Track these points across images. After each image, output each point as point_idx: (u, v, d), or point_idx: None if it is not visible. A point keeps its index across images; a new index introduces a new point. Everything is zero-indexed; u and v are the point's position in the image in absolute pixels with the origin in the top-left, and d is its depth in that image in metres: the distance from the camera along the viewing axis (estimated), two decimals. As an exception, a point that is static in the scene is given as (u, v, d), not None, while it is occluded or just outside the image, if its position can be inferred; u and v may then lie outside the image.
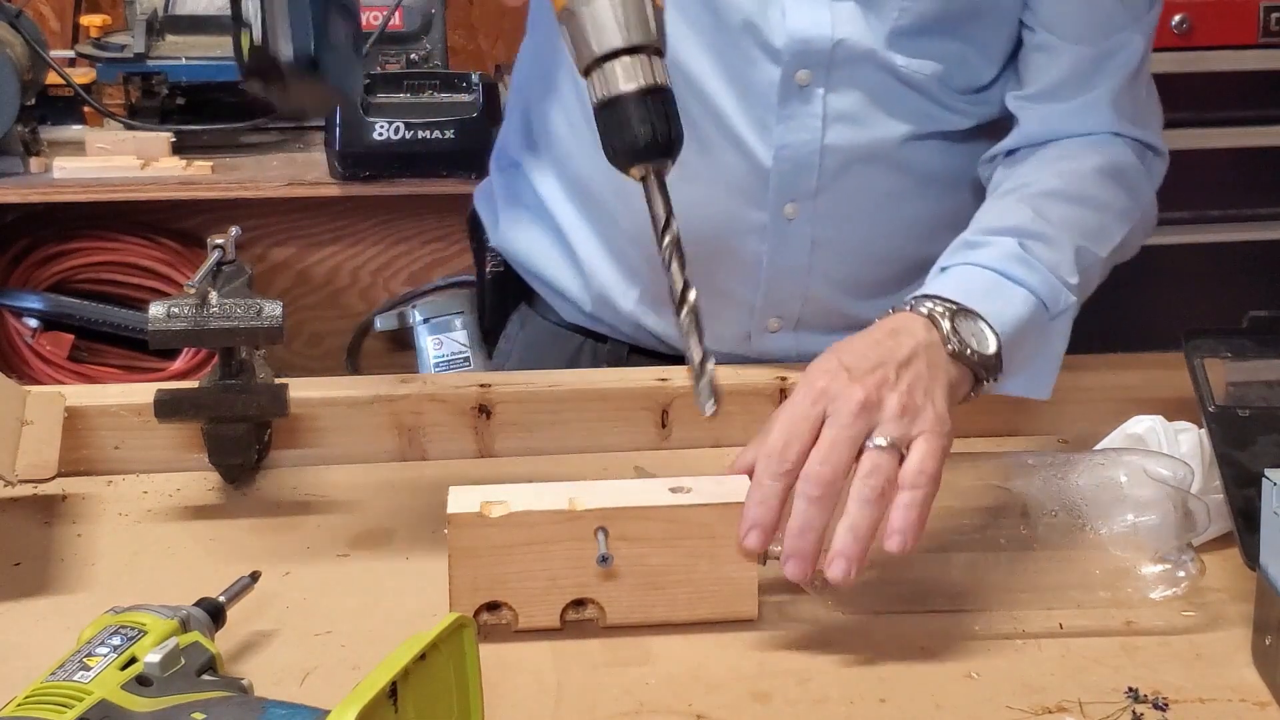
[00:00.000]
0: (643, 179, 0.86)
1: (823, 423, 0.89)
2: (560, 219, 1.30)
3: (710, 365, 0.87)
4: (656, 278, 0.91)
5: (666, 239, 0.86)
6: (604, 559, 0.88)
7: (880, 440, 0.88)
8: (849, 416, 0.88)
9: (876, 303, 1.21)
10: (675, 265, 0.86)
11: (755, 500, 0.88)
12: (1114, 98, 1.17)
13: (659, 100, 0.85)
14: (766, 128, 1.16)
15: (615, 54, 0.84)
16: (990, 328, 0.99)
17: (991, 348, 0.98)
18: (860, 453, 0.88)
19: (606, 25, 0.84)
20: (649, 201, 0.86)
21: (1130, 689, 0.86)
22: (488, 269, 1.42)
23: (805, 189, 1.18)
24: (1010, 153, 1.19)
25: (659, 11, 0.85)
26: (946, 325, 0.96)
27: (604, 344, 1.35)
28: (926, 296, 1.00)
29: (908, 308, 0.99)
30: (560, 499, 0.90)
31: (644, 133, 0.84)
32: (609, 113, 0.85)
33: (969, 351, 0.96)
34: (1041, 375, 1.08)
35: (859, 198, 1.19)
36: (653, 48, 0.85)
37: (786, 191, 1.18)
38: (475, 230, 1.44)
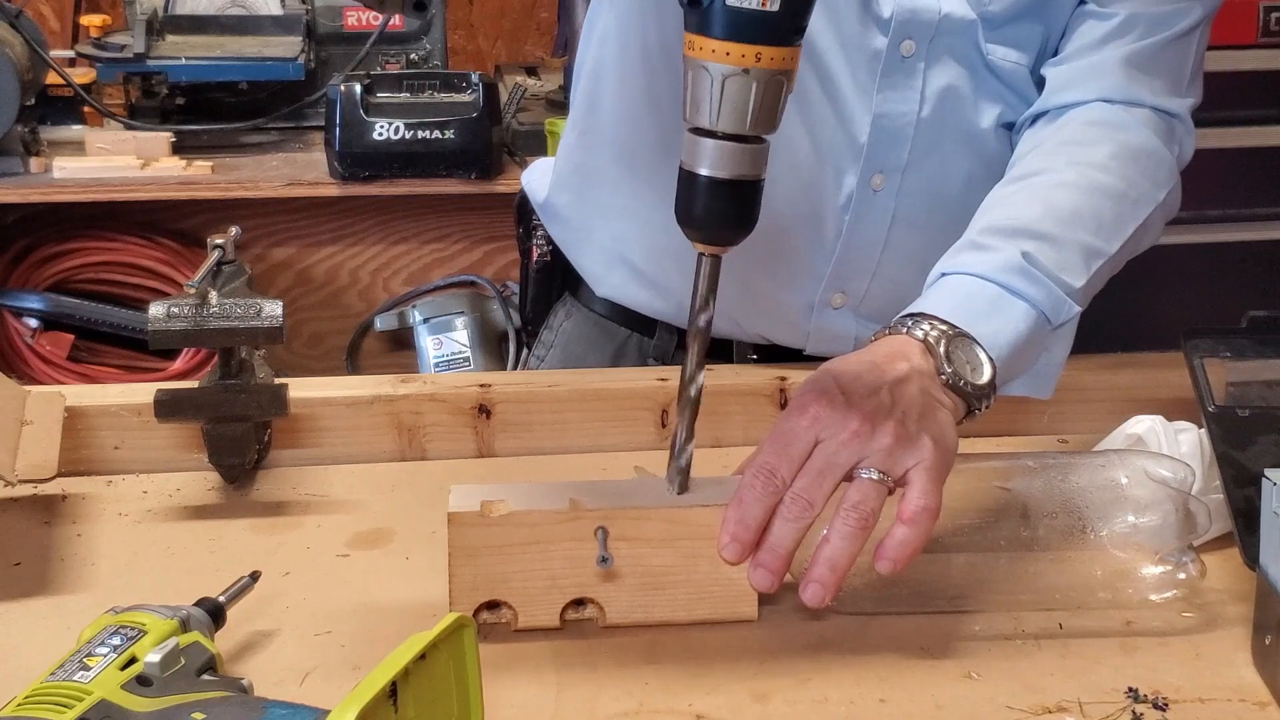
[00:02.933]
0: (699, 254, 0.87)
1: (815, 445, 0.88)
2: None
3: (690, 449, 0.90)
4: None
5: (700, 318, 0.88)
6: (604, 560, 0.88)
7: (871, 472, 0.87)
8: (840, 444, 0.88)
9: None
10: (696, 347, 0.89)
11: (735, 516, 0.87)
12: (1136, 59, 1.16)
13: (742, 191, 0.85)
14: (868, 95, 1.17)
15: (708, 133, 0.84)
16: (985, 353, 0.98)
17: (985, 376, 0.97)
18: (850, 476, 0.88)
19: (701, 100, 0.83)
20: (696, 275, 0.88)
21: (1130, 689, 0.86)
22: (534, 258, 1.42)
23: (895, 161, 1.19)
24: (1034, 120, 1.19)
25: (767, 98, 0.83)
26: (941, 353, 0.95)
27: (651, 339, 1.34)
28: (923, 316, 0.98)
29: (904, 329, 0.97)
30: (560, 499, 0.90)
31: (713, 219, 0.85)
32: (691, 181, 0.85)
33: (962, 383, 0.95)
34: (1044, 378, 1.08)
35: (943, 178, 1.21)
36: (752, 138, 0.84)
37: (877, 161, 1.19)
38: (522, 216, 1.44)
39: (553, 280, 1.42)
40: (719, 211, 0.85)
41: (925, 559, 0.90)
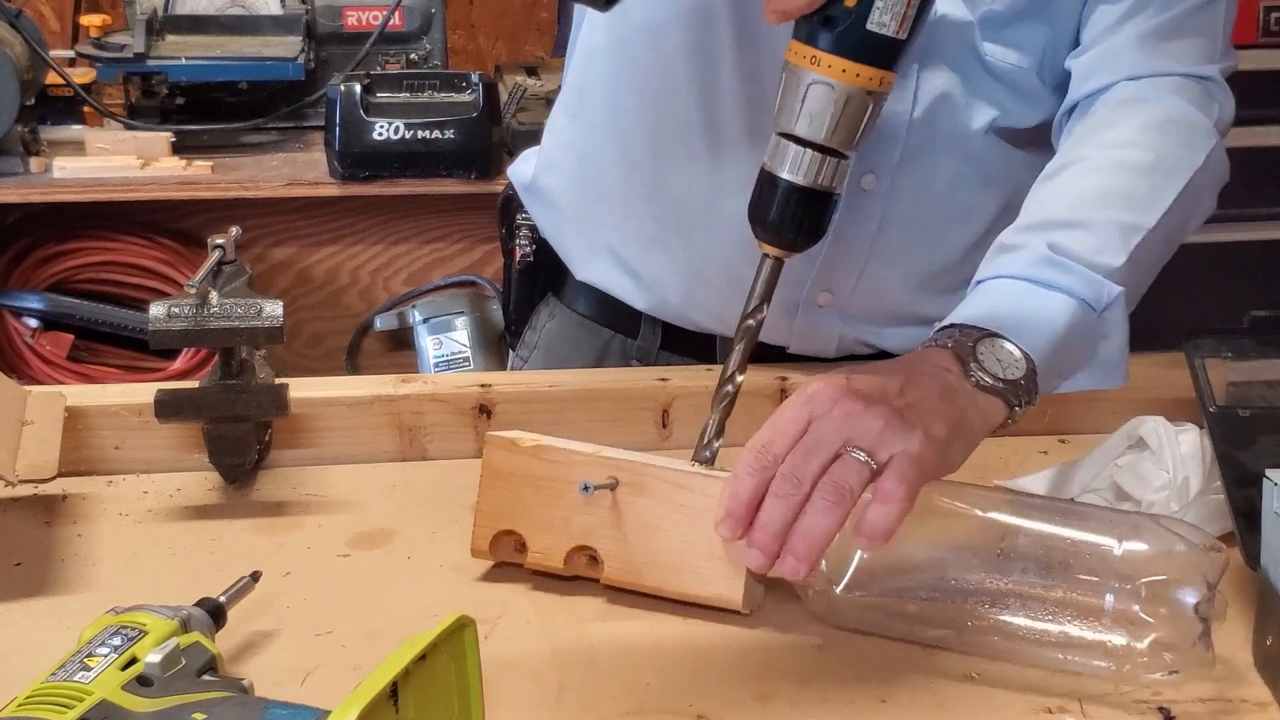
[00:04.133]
0: (764, 254, 0.91)
1: (809, 423, 0.89)
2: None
3: (717, 446, 0.95)
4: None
5: (748, 322, 0.92)
6: (585, 488, 0.91)
7: (857, 453, 0.87)
8: (832, 422, 0.88)
9: (923, 300, 1.22)
10: (741, 347, 0.93)
11: (730, 492, 0.88)
12: (1156, 32, 1.15)
13: (820, 203, 0.89)
14: None
15: (806, 143, 0.87)
16: (1017, 348, 0.95)
17: (1020, 370, 0.94)
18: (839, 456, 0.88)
19: (816, 114, 0.87)
20: (757, 274, 0.92)
21: (1131, 689, 0.86)
22: (517, 258, 1.41)
23: (887, 161, 1.18)
24: (1069, 112, 1.18)
25: (873, 119, 0.87)
26: (970, 357, 0.94)
27: (634, 339, 1.34)
28: (953, 326, 0.98)
29: (934, 343, 0.97)
30: (586, 447, 0.95)
31: (789, 224, 0.90)
32: (770, 184, 0.89)
33: (996, 381, 0.93)
34: (1109, 366, 1.04)
35: (933, 180, 1.20)
36: (842, 154, 0.88)
37: (868, 161, 1.18)
38: (506, 216, 1.43)
39: (536, 281, 1.41)
40: (794, 217, 0.89)
41: (922, 590, 0.88)
